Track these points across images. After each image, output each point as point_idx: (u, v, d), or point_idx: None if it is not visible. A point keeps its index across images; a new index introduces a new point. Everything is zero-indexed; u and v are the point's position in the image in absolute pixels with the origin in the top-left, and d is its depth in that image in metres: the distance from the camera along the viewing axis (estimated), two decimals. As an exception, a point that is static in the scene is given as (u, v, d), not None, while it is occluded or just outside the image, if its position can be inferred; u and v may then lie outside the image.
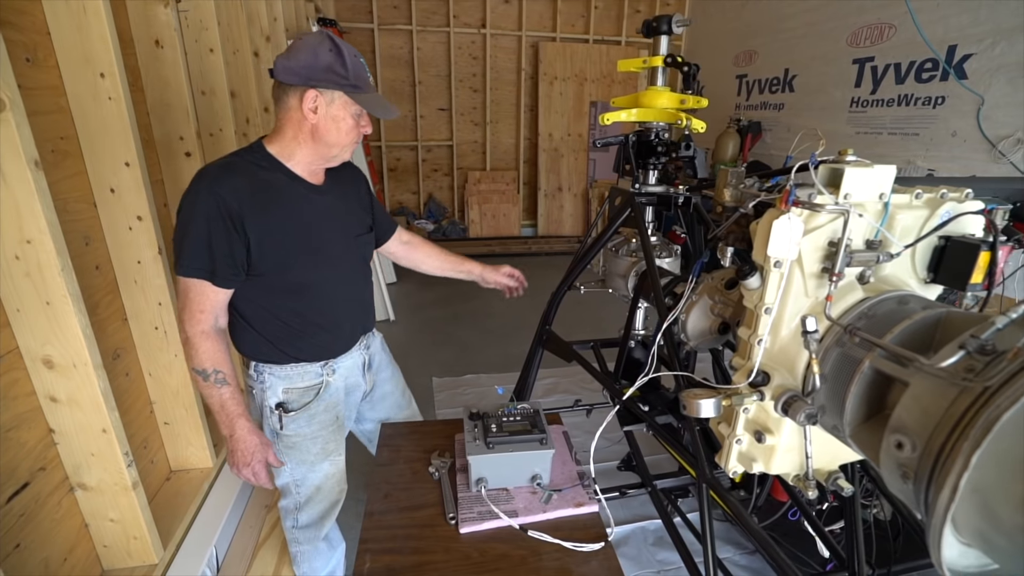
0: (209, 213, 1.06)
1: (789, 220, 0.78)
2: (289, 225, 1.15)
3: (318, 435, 1.32)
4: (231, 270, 1.10)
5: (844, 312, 0.82)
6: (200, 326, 1.12)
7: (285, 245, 1.15)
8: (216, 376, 1.13)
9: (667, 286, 1.33)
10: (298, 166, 1.18)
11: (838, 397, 0.78)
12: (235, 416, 1.17)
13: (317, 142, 1.15)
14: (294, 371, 1.26)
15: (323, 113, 1.11)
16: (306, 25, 3.85)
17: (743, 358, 0.93)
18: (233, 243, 1.08)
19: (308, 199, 1.19)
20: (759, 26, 4.89)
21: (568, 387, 3.07)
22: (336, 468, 1.40)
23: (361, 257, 1.35)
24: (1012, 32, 2.99)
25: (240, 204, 1.07)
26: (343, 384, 1.36)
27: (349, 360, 1.35)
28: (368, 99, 1.13)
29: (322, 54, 1.07)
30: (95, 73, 1.35)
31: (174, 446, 1.76)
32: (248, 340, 1.24)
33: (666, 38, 1.42)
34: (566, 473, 1.31)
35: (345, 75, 1.08)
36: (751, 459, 0.94)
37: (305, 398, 1.27)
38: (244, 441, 1.18)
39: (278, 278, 1.17)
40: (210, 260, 1.08)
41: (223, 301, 1.14)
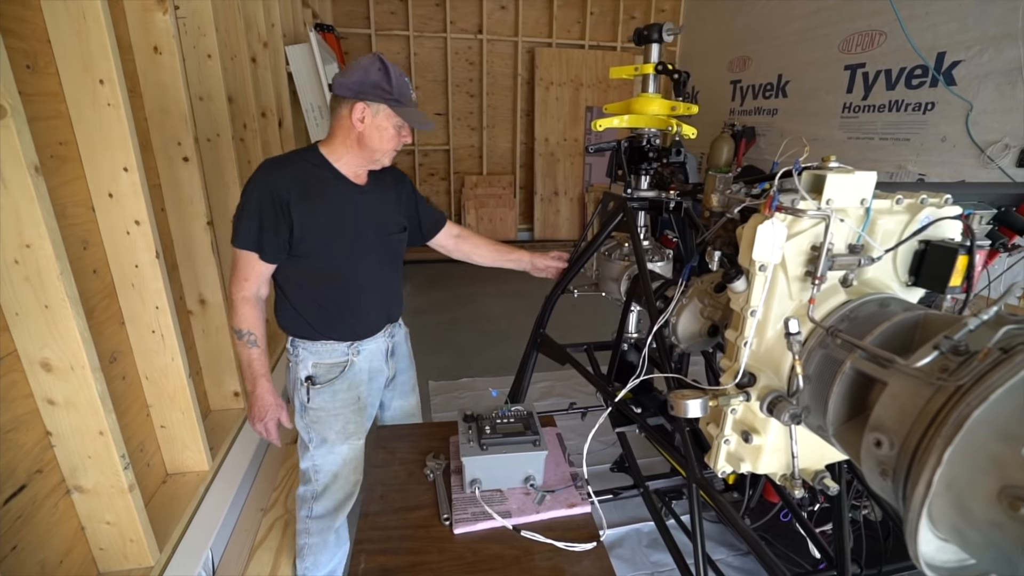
0: (262, 197, 1.25)
1: (773, 225, 0.80)
2: (328, 215, 1.31)
3: (340, 412, 1.45)
4: (275, 247, 1.28)
5: (827, 314, 0.84)
6: (243, 292, 1.31)
7: (322, 232, 1.31)
8: (249, 337, 1.34)
9: (658, 289, 1.36)
10: (344, 167, 1.35)
11: (821, 397, 0.80)
12: (259, 375, 1.37)
13: (362, 147, 1.32)
14: (324, 348, 1.41)
15: (369, 123, 1.28)
16: (303, 31, 3.88)
17: (730, 359, 0.95)
18: (279, 224, 1.26)
19: (349, 196, 1.36)
20: (753, 32, 4.96)
21: (563, 390, 3.08)
22: (354, 454, 1.50)
23: (391, 253, 1.48)
24: (999, 40, 3.05)
25: (288, 192, 1.26)
26: (367, 367, 1.49)
27: (373, 344, 1.48)
28: (408, 112, 1.29)
29: (372, 72, 1.25)
30: (94, 79, 1.37)
31: (170, 449, 1.77)
32: (288, 317, 1.41)
33: (657, 46, 1.45)
34: (559, 474, 1.33)
35: (390, 91, 1.25)
36: (739, 459, 0.96)
37: (331, 374, 1.42)
38: (262, 399, 1.38)
39: (315, 262, 1.34)
40: (259, 236, 1.26)
41: (265, 274, 1.33)
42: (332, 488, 1.50)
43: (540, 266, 1.72)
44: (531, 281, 6.17)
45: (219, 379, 2.16)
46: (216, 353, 2.12)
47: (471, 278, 5.27)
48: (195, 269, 2.00)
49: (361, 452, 1.53)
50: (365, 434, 1.53)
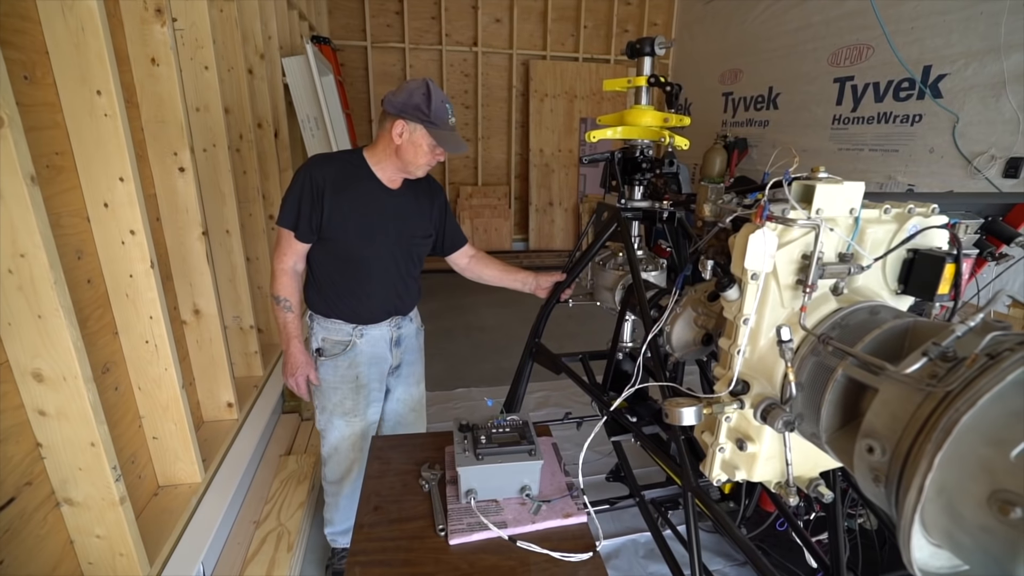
0: (303, 185, 1.46)
1: (764, 234, 0.82)
2: (354, 208, 1.49)
3: (338, 387, 1.63)
4: (308, 229, 1.49)
5: (819, 322, 0.85)
6: (282, 264, 1.55)
7: (345, 222, 1.49)
8: (285, 303, 1.56)
9: (652, 299, 1.37)
10: (381, 172, 1.54)
11: (814, 404, 0.81)
12: (292, 336, 1.59)
13: (399, 159, 1.49)
14: (332, 325, 1.60)
15: (406, 139, 1.45)
16: (300, 43, 3.91)
17: (724, 367, 0.96)
18: (313, 210, 1.46)
19: (377, 196, 1.53)
20: (743, 46, 5.04)
21: (559, 400, 3.08)
22: (350, 431, 1.67)
23: (409, 253, 1.63)
24: (982, 54, 3.12)
25: (324, 183, 1.46)
26: (369, 351, 1.63)
27: (377, 331, 1.63)
28: (441, 135, 1.44)
29: (416, 95, 1.41)
30: (91, 90, 1.37)
31: (162, 461, 1.75)
32: (310, 293, 1.62)
33: (649, 59, 1.48)
34: (555, 484, 1.32)
35: (428, 114, 1.41)
36: (734, 467, 0.96)
37: (335, 349, 1.61)
38: (294, 357, 1.59)
39: (335, 246, 1.53)
40: (296, 218, 1.48)
41: (300, 251, 1.54)
42: (334, 459, 1.70)
43: (544, 285, 1.78)
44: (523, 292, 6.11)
45: (213, 390, 2.14)
46: (210, 364, 2.10)
47: (464, 288, 5.26)
48: (190, 279, 2.00)
49: (359, 433, 1.68)
50: (363, 416, 1.67)
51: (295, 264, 1.56)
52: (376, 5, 5.61)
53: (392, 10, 5.68)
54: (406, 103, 1.40)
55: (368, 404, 1.68)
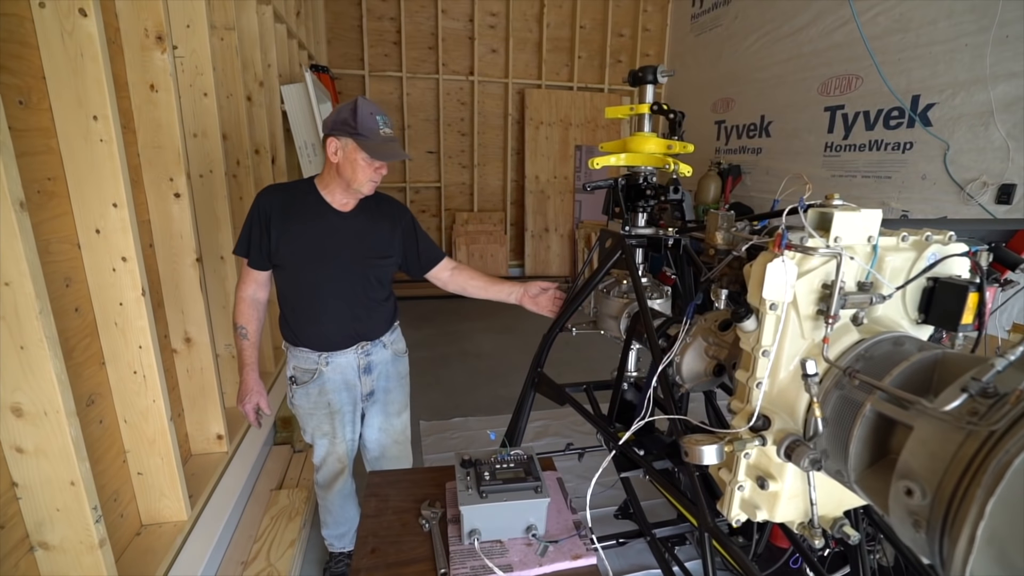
0: (253, 214, 1.50)
1: (783, 263, 0.79)
2: (302, 234, 1.50)
3: (313, 412, 1.65)
4: (259, 256, 1.52)
5: (841, 354, 0.82)
6: (240, 292, 1.58)
7: (295, 248, 1.50)
8: (241, 331, 1.59)
9: (660, 328, 1.33)
10: (330, 196, 1.54)
11: (841, 441, 0.77)
12: (245, 364, 1.61)
13: (341, 177, 1.49)
14: (300, 353, 1.62)
15: (341, 156, 1.45)
16: (299, 71, 3.95)
17: (742, 401, 0.92)
18: (262, 237, 1.50)
19: (328, 220, 1.53)
20: (735, 75, 5.16)
21: (559, 429, 3.01)
22: (333, 449, 1.71)
23: (365, 277, 1.60)
24: (969, 84, 3.19)
25: (270, 210, 1.49)
26: (339, 378, 1.64)
27: (343, 358, 1.62)
28: (371, 145, 1.42)
29: (343, 111, 1.42)
30: (88, 116, 1.35)
31: (147, 498, 1.66)
32: (282, 323, 1.64)
33: (651, 87, 1.48)
34: (562, 522, 1.26)
35: (354, 126, 1.40)
36: (754, 506, 0.91)
37: (304, 377, 1.62)
38: (245, 383, 1.62)
39: (289, 273, 1.54)
40: (247, 246, 1.52)
41: (259, 279, 1.57)
42: (322, 469, 1.75)
43: (532, 293, 1.75)
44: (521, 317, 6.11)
45: (202, 421, 2.07)
46: (200, 394, 2.03)
47: (460, 314, 5.22)
48: (182, 306, 1.94)
49: (342, 449, 1.71)
50: (343, 435, 1.70)
51: (254, 292, 1.58)
52: (374, 36, 5.72)
53: (390, 40, 5.78)
54: (335, 120, 1.42)
55: (345, 426, 1.70)
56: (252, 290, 1.57)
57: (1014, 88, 2.96)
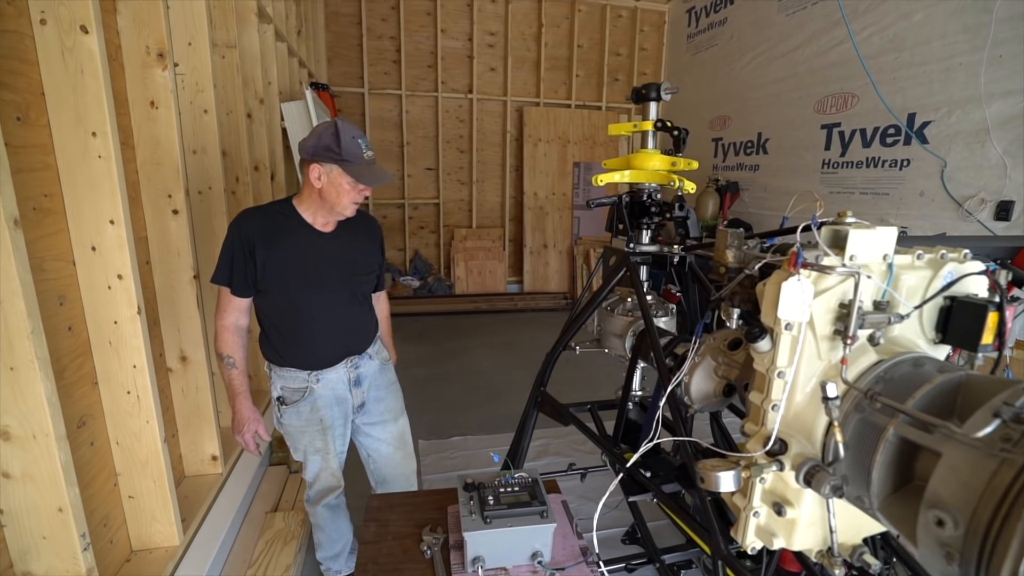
0: (234, 240, 1.46)
1: (799, 282, 0.77)
2: (288, 258, 1.49)
3: (305, 430, 1.61)
4: (243, 283, 1.48)
5: (859, 375, 0.79)
6: (223, 321, 1.52)
7: (281, 271, 1.48)
8: (228, 360, 1.53)
9: (666, 346, 1.31)
10: (311, 217, 1.52)
11: (862, 467, 0.74)
12: (237, 393, 1.55)
13: (324, 201, 1.48)
14: (288, 374, 1.58)
15: (325, 181, 1.44)
16: (299, 89, 3.97)
17: (756, 424, 0.89)
18: (247, 263, 1.46)
19: (312, 240, 1.52)
20: (731, 94, 5.21)
21: (560, 448, 2.96)
22: (326, 465, 1.67)
23: (352, 294, 1.61)
24: (964, 103, 3.22)
25: (254, 236, 1.45)
26: (330, 393, 1.61)
27: (334, 374, 1.61)
28: (357, 170, 1.43)
29: (324, 137, 1.41)
30: (87, 132, 1.34)
31: (138, 522, 1.61)
32: (263, 344, 1.60)
33: (655, 104, 1.48)
34: (568, 548, 1.22)
35: (339, 152, 1.40)
36: (771, 533, 0.88)
37: (295, 397, 1.58)
38: (240, 413, 1.56)
39: (276, 297, 1.52)
40: (230, 273, 1.47)
41: (241, 306, 1.52)
42: (314, 485, 1.72)
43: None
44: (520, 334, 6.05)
45: (197, 442, 2.02)
46: (195, 414, 1.99)
47: (458, 331, 5.18)
48: (178, 324, 1.91)
49: (334, 463, 1.68)
50: (335, 451, 1.67)
51: (237, 320, 1.54)
52: (374, 54, 5.77)
53: (390, 59, 5.84)
54: (316, 146, 1.41)
55: (335, 439, 1.67)
56: (234, 318, 1.53)
57: (1009, 106, 2.99)
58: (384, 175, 1.48)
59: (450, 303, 5.89)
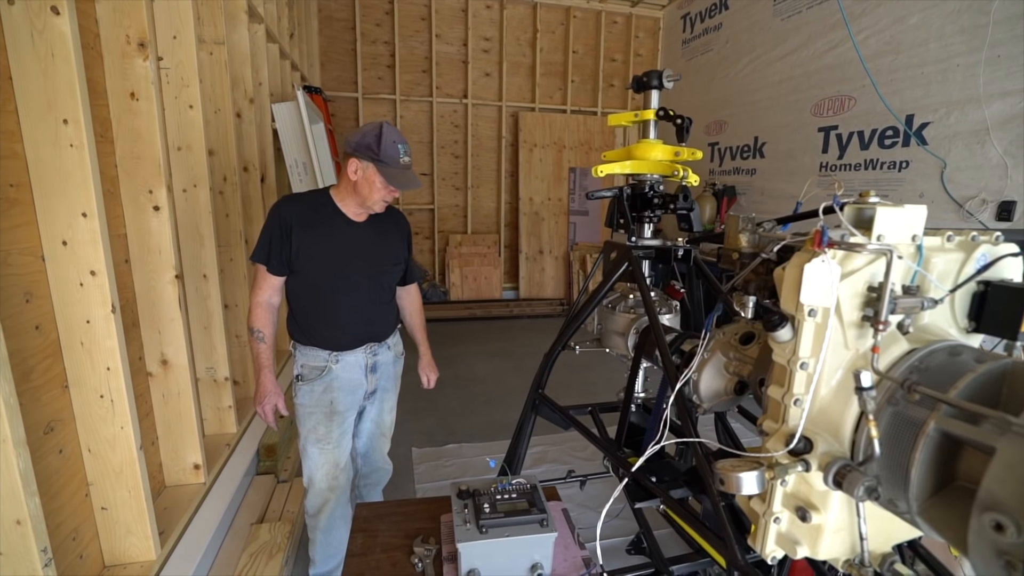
0: (273, 223, 1.56)
1: (825, 263, 0.70)
2: (320, 242, 1.58)
3: (313, 411, 1.65)
4: (279, 263, 1.57)
5: (891, 366, 0.72)
6: (257, 297, 1.61)
7: (313, 255, 1.57)
8: (258, 334, 1.62)
9: (671, 343, 1.24)
10: (345, 208, 1.62)
11: (898, 466, 0.67)
12: (263, 366, 1.64)
13: (357, 194, 1.58)
14: (310, 352, 1.65)
15: (360, 176, 1.54)
16: (292, 92, 3.91)
17: (775, 421, 0.82)
18: (283, 245, 1.55)
19: (343, 229, 1.61)
20: (727, 98, 5.19)
21: (557, 456, 2.87)
22: (323, 460, 1.67)
23: (377, 283, 1.69)
24: (963, 103, 3.19)
25: (292, 220, 1.55)
26: (346, 376, 1.66)
27: (352, 358, 1.67)
28: (390, 172, 1.52)
29: (368, 136, 1.50)
30: (57, 119, 1.26)
31: (111, 536, 1.51)
32: (291, 323, 1.68)
33: (657, 92, 1.42)
34: (569, 560, 1.14)
35: (377, 153, 1.49)
36: (793, 541, 0.80)
37: (312, 375, 1.64)
38: (263, 386, 1.64)
39: (306, 278, 1.60)
40: (267, 253, 1.56)
41: (275, 284, 1.61)
42: (311, 491, 1.71)
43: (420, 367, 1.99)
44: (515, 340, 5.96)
45: (178, 450, 1.92)
46: (177, 420, 1.90)
47: (453, 338, 5.09)
48: (159, 326, 1.83)
49: (332, 463, 1.69)
50: (335, 443, 1.67)
51: (270, 297, 1.62)
52: (368, 59, 5.74)
53: (384, 64, 5.81)
54: (359, 143, 1.50)
55: (342, 433, 1.69)
56: (268, 295, 1.61)
57: (1009, 106, 2.96)
58: (415, 181, 1.57)
59: (445, 310, 5.80)
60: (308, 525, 1.76)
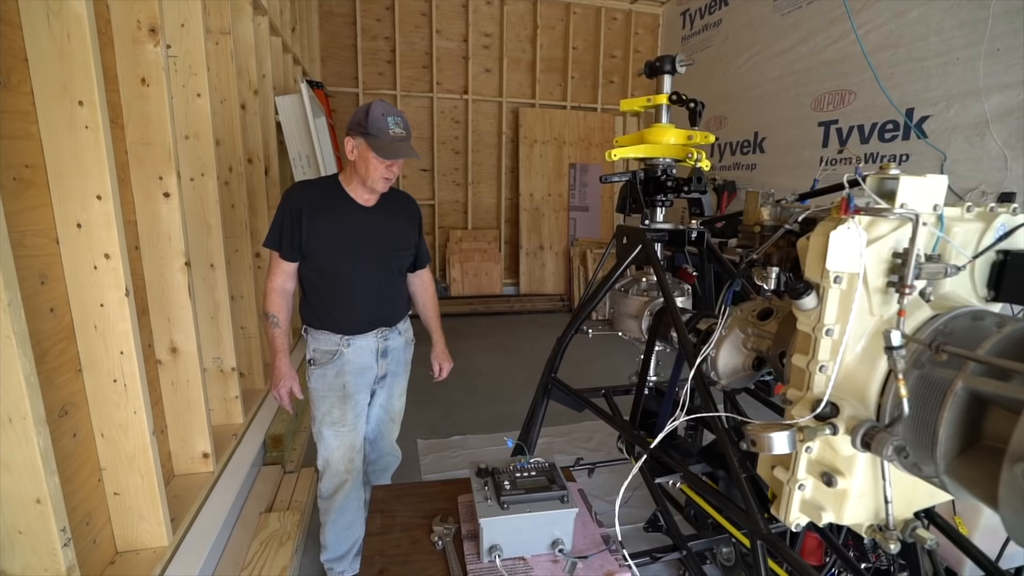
0: (284, 209, 1.58)
1: (850, 229, 0.71)
2: (331, 226, 1.59)
3: (326, 395, 1.66)
4: (291, 248, 1.58)
5: (915, 330, 0.74)
6: (271, 283, 1.63)
7: (323, 239, 1.58)
8: (273, 319, 1.64)
9: (688, 323, 1.25)
10: (353, 192, 1.62)
11: (925, 426, 0.68)
12: (278, 350, 1.66)
13: (357, 174, 1.57)
14: (321, 336, 1.66)
15: (357, 154, 1.54)
16: (294, 86, 3.90)
17: (799, 388, 0.83)
18: (294, 230, 1.57)
19: (352, 213, 1.62)
20: (726, 94, 5.21)
21: (563, 446, 2.88)
22: (339, 443, 1.68)
23: (387, 267, 1.69)
24: (963, 96, 3.22)
25: (302, 206, 1.57)
26: (357, 360, 1.67)
27: (363, 341, 1.67)
28: (380, 144, 1.48)
29: (358, 112, 1.51)
30: (73, 101, 1.26)
31: (123, 522, 1.51)
32: (304, 308, 1.69)
33: (669, 77, 1.43)
34: (588, 537, 1.15)
35: (366, 127, 1.48)
36: (818, 508, 0.82)
37: (324, 359, 1.65)
38: (279, 369, 1.66)
39: (317, 263, 1.61)
40: (279, 239, 1.58)
41: (288, 270, 1.62)
42: (327, 473, 1.72)
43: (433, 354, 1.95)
44: (515, 335, 5.95)
45: (187, 438, 1.92)
46: (186, 408, 1.89)
47: (455, 333, 5.09)
48: (168, 314, 1.82)
49: (348, 445, 1.70)
50: (352, 427, 1.69)
51: (283, 283, 1.63)
52: (369, 55, 5.73)
53: (384, 59, 5.80)
54: (352, 121, 1.53)
55: (356, 416, 1.70)
56: (281, 281, 1.63)
57: (1008, 99, 2.99)
58: (407, 151, 1.52)
59: (446, 305, 5.80)
60: (321, 508, 1.76)
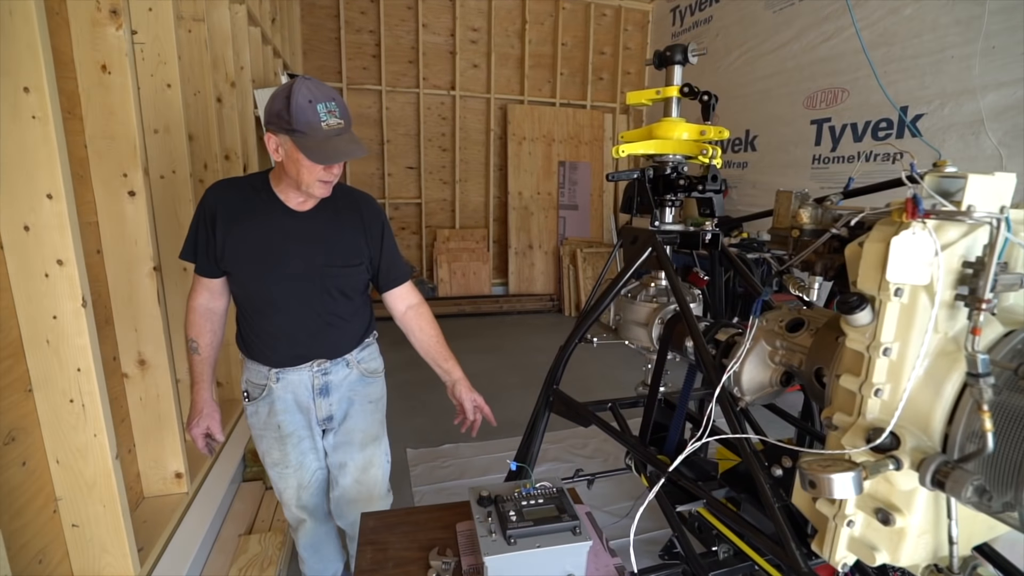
0: (199, 213, 1.32)
1: (919, 235, 0.62)
2: (249, 237, 1.30)
3: (262, 434, 1.45)
4: (206, 260, 1.33)
5: (988, 349, 0.65)
6: (191, 301, 1.39)
7: (240, 251, 1.30)
8: (191, 344, 1.39)
9: (705, 333, 1.15)
10: (283, 194, 1.32)
11: (1009, 462, 0.59)
12: (196, 381, 1.41)
13: (288, 176, 1.26)
14: (252, 366, 1.43)
15: (283, 154, 1.22)
16: (274, 79, 3.74)
17: (849, 414, 0.74)
18: (209, 240, 1.30)
19: (277, 221, 1.31)
20: (717, 91, 5.10)
21: (558, 454, 2.78)
22: (284, 484, 1.48)
23: (322, 287, 1.36)
24: (957, 95, 3.19)
25: (217, 209, 1.29)
26: (290, 397, 1.42)
27: (295, 376, 1.41)
28: (311, 144, 1.16)
29: (277, 101, 1.16)
30: (16, 87, 1.12)
31: (83, 555, 1.37)
32: (238, 333, 1.44)
33: (680, 68, 1.34)
34: (601, 569, 1.05)
35: (289, 121, 1.15)
36: (870, 547, 0.72)
37: (256, 392, 1.43)
38: (195, 404, 1.41)
39: (237, 280, 1.35)
40: (194, 249, 1.33)
41: (210, 287, 1.37)
42: (284, 510, 1.56)
43: (458, 397, 1.57)
44: (506, 337, 5.85)
45: (159, 457, 1.78)
46: (156, 425, 1.75)
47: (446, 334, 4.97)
48: (136, 323, 1.68)
49: (295, 486, 1.49)
50: (294, 467, 1.46)
51: (207, 302, 1.39)
52: (353, 48, 5.56)
53: (369, 53, 5.63)
54: (270, 111, 1.18)
55: (301, 453, 1.46)
56: (204, 299, 1.39)
57: (1003, 97, 2.97)
58: (348, 150, 1.18)
59: (433, 306, 5.59)
60: (293, 539, 1.63)
